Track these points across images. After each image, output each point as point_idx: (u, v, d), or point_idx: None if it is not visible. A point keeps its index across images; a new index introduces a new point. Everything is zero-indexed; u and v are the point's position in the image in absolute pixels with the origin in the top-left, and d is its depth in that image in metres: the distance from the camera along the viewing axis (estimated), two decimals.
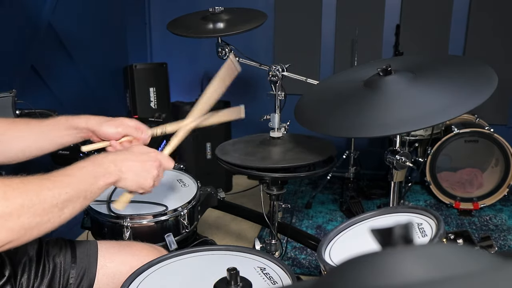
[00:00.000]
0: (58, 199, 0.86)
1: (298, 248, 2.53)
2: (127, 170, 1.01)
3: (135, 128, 1.21)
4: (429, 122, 1.15)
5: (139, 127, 1.22)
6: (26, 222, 0.81)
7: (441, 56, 1.85)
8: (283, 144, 1.68)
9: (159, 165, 1.07)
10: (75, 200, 0.89)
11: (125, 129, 1.19)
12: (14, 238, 0.81)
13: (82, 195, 0.91)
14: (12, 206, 0.80)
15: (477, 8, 3.23)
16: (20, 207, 0.80)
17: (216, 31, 1.96)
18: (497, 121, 3.22)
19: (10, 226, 0.79)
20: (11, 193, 0.80)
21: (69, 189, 0.88)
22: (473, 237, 0.98)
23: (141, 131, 1.21)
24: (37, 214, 0.83)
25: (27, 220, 0.81)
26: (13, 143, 1.12)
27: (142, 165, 1.04)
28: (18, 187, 0.82)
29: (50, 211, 0.85)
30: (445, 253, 0.35)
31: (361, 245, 1.04)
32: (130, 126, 1.20)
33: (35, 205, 0.82)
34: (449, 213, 2.97)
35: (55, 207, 0.85)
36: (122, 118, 1.21)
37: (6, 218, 0.79)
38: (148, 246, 1.28)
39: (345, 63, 3.37)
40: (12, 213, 0.79)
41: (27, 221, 0.81)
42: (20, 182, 0.84)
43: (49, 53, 2.54)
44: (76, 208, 0.90)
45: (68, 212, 0.88)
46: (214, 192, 1.77)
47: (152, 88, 3.28)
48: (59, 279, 1.13)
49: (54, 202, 0.85)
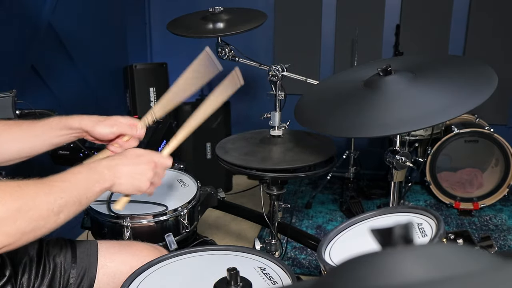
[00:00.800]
0: (54, 204, 0.87)
1: (298, 248, 2.53)
2: (121, 175, 1.01)
3: (128, 126, 1.21)
4: (429, 122, 1.15)
5: (133, 124, 1.22)
6: (22, 226, 0.82)
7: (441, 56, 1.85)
8: (283, 143, 1.68)
9: (154, 166, 1.07)
10: (70, 205, 0.90)
11: (119, 128, 1.19)
12: (10, 242, 0.82)
13: (77, 200, 0.92)
14: (8, 211, 0.81)
15: (477, 8, 3.23)
16: (17, 212, 0.82)
17: (216, 31, 1.96)
18: (497, 121, 3.22)
19: (7, 230, 0.81)
20: (8, 198, 0.82)
21: (65, 194, 0.89)
22: (473, 237, 0.98)
23: (135, 128, 1.22)
24: (33, 219, 0.84)
25: (23, 225, 0.82)
26: (6, 146, 1.13)
27: (136, 168, 1.04)
28: (15, 191, 0.83)
29: (46, 216, 0.86)
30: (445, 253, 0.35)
31: (361, 245, 1.04)
32: (123, 124, 1.20)
33: (31, 210, 0.83)
34: (449, 213, 2.97)
35: (51, 212, 0.87)
36: (115, 116, 1.21)
37: (3, 222, 0.80)
38: (148, 246, 1.28)
39: (345, 63, 3.37)
40: (8, 217, 0.81)
41: (23, 226, 0.82)
42: (17, 186, 0.85)
43: (49, 53, 2.54)
44: (71, 213, 0.92)
45: (64, 216, 0.90)
46: (214, 192, 1.77)
47: (152, 88, 3.28)
48: (59, 279, 1.13)
49: (50, 207, 0.86)
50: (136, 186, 1.04)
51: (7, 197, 0.81)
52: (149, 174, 1.06)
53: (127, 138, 1.21)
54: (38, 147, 1.16)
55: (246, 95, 3.50)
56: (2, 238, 0.80)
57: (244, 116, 3.50)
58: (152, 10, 3.68)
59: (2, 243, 0.81)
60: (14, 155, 1.14)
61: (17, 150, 1.14)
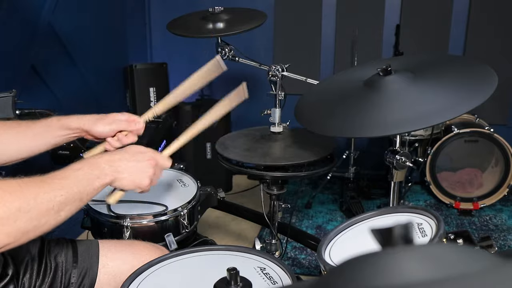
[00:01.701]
0: (54, 202, 0.87)
1: (298, 248, 2.53)
2: (123, 170, 1.01)
3: (127, 121, 1.21)
4: (429, 122, 1.15)
5: (132, 119, 1.22)
6: (22, 226, 0.82)
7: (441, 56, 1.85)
8: (283, 140, 1.68)
9: (155, 164, 1.07)
10: (71, 202, 0.90)
11: (118, 125, 1.20)
12: (10, 241, 0.82)
13: (78, 197, 0.92)
14: (9, 210, 0.80)
15: (477, 8, 3.23)
16: (17, 211, 0.81)
17: (216, 31, 1.96)
18: (497, 121, 3.22)
19: (7, 230, 0.80)
20: (8, 198, 0.81)
21: (65, 191, 0.89)
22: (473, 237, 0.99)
23: (134, 123, 1.22)
24: (33, 218, 0.83)
25: (23, 224, 0.82)
26: (5, 147, 1.13)
27: (137, 164, 1.04)
28: (15, 191, 0.83)
29: (47, 214, 0.86)
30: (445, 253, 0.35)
31: (361, 245, 1.04)
32: (122, 120, 1.21)
33: (32, 209, 0.83)
34: (449, 213, 2.97)
35: (51, 209, 0.86)
36: (113, 114, 1.22)
37: (3, 222, 0.80)
38: (149, 245, 1.28)
39: (345, 63, 3.37)
40: (9, 217, 0.80)
41: (23, 225, 0.82)
42: (17, 185, 0.84)
43: (49, 53, 2.54)
44: (72, 210, 0.91)
45: (64, 214, 0.89)
46: (214, 192, 1.77)
47: (152, 88, 3.28)
48: (60, 278, 1.13)
49: (50, 205, 0.86)
50: (137, 182, 1.04)
51: (7, 197, 0.81)
52: (150, 171, 1.06)
53: (125, 133, 1.21)
54: (37, 147, 1.16)
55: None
56: (2, 237, 0.80)
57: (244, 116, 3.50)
58: (152, 10, 3.68)
59: (3, 242, 0.81)
60: (13, 156, 1.14)
61: (16, 150, 1.14)
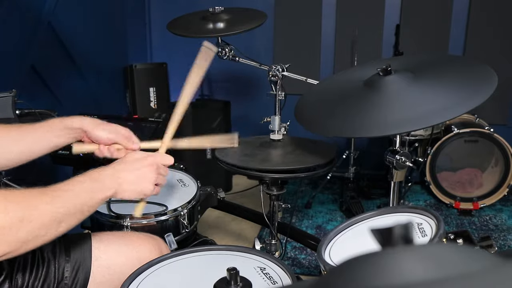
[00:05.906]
0: (56, 214, 0.87)
1: (298, 248, 2.53)
2: (123, 181, 1.02)
3: (126, 138, 1.20)
4: (429, 122, 1.15)
5: (131, 137, 1.21)
6: (23, 236, 0.83)
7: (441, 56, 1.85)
8: (283, 147, 1.68)
9: (156, 168, 1.08)
10: (72, 215, 0.91)
11: (116, 137, 1.19)
12: (11, 250, 0.82)
13: (79, 209, 0.93)
14: (11, 220, 0.81)
15: (477, 8, 3.23)
16: (20, 221, 0.82)
17: (216, 31, 1.96)
18: (497, 121, 3.22)
19: (8, 239, 0.81)
20: (11, 207, 0.82)
21: (68, 204, 0.90)
22: (473, 237, 0.99)
23: (132, 142, 1.21)
24: (35, 228, 0.84)
25: (24, 234, 0.83)
26: (6, 150, 1.13)
27: (137, 173, 1.05)
28: (18, 201, 0.84)
29: (48, 225, 0.87)
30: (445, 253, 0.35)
31: (361, 245, 1.04)
32: (122, 134, 1.20)
33: (34, 220, 0.84)
34: (449, 213, 2.97)
35: (53, 221, 0.87)
36: (116, 125, 1.21)
37: (5, 232, 0.80)
38: (143, 235, 1.28)
39: (345, 63, 3.37)
40: (11, 227, 0.81)
41: (24, 235, 0.83)
42: (22, 195, 0.85)
43: (49, 53, 2.54)
44: (73, 222, 0.92)
45: (65, 226, 0.90)
46: (214, 192, 1.77)
47: (152, 88, 3.28)
48: (54, 273, 1.13)
49: (52, 217, 0.87)
50: (140, 190, 1.06)
51: (11, 206, 0.82)
52: (152, 176, 1.07)
53: (119, 147, 1.20)
54: (38, 149, 1.16)
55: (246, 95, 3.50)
56: (3, 247, 0.81)
57: (244, 116, 3.50)
58: (152, 10, 3.68)
59: (3, 251, 0.81)
60: (15, 159, 1.14)
61: (17, 153, 1.14)
